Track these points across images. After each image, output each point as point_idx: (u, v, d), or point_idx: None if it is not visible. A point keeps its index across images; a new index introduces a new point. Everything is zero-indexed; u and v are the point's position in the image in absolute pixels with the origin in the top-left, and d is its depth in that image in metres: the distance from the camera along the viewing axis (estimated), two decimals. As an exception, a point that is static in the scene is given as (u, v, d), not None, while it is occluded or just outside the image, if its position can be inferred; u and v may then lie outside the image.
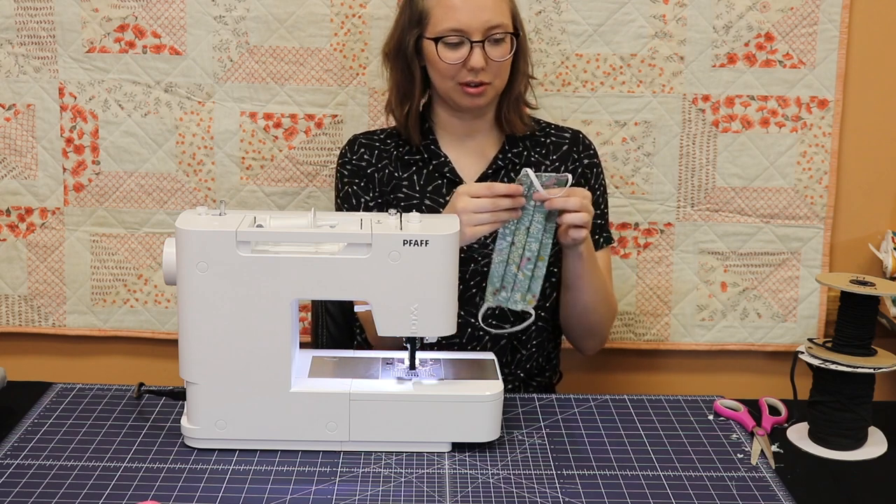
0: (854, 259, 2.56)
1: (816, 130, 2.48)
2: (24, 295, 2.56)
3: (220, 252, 1.48)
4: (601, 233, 2.04)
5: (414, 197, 1.97)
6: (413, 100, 1.96)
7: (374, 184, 1.99)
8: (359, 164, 2.00)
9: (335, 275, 1.50)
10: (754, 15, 2.42)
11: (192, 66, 2.44)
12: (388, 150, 2.01)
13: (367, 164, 2.00)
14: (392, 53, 1.97)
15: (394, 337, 1.57)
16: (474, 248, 1.94)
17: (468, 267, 1.95)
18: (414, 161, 2.00)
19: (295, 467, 1.50)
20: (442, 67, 1.88)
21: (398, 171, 1.99)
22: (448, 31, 1.86)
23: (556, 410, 1.71)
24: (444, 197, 1.97)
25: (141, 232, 2.53)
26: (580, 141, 2.05)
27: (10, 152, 2.49)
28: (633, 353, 2.58)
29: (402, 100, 1.97)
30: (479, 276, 1.96)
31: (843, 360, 1.58)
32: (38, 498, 1.40)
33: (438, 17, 1.87)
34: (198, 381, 1.53)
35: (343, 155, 2.03)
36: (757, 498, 1.44)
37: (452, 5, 1.86)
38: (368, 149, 2.02)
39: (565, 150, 2.03)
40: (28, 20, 2.42)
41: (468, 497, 1.43)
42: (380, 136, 2.04)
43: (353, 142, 2.04)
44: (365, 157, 2.01)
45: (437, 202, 1.97)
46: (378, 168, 2.00)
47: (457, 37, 1.86)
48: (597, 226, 2.03)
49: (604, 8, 2.41)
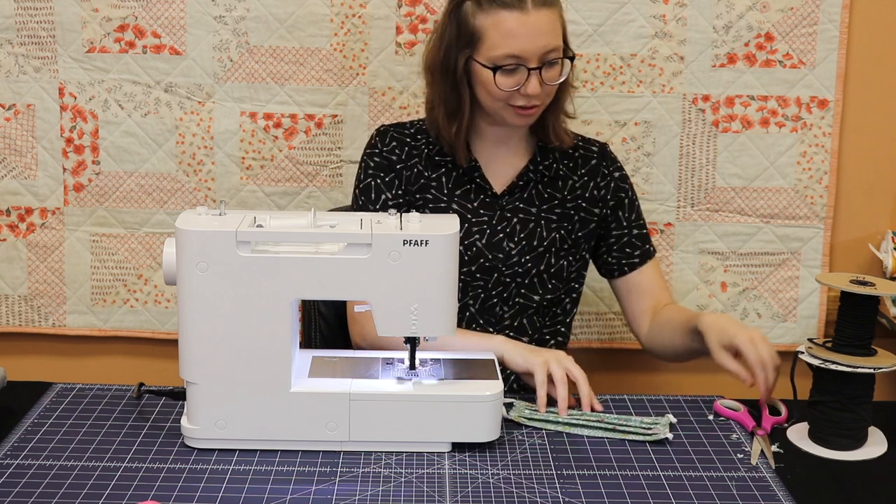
0: (854, 259, 2.56)
1: (816, 130, 2.48)
2: (24, 295, 2.56)
3: (220, 252, 1.48)
4: (648, 242, 2.03)
5: (442, 200, 1.94)
6: (462, 119, 1.89)
7: (402, 180, 1.95)
8: (388, 157, 1.95)
9: (335, 275, 1.50)
10: (754, 15, 2.42)
11: (192, 66, 2.44)
12: (418, 146, 1.97)
13: (398, 160, 1.95)
14: (438, 70, 1.88)
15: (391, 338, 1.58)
16: (499, 258, 1.93)
17: (491, 276, 1.93)
18: (444, 162, 1.96)
19: (295, 467, 1.50)
20: (495, 92, 1.82)
21: (427, 170, 1.95)
22: (504, 58, 1.79)
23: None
24: (472, 202, 1.94)
25: (141, 232, 2.53)
26: (607, 155, 2.03)
27: (10, 152, 2.49)
28: (633, 353, 2.57)
29: (450, 118, 1.89)
30: (500, 287, 1.94)
31: (843, 360, 1.58)
32: (38, 498, 1.40)
33: (494, 42, 1.80)
34: (198, 381, 1.53)
35: (373, 145, 1.98)
36: (757, 498, 1.43)
37: (511, 31, 1.78)
38: (399, 143, 1.97)
39: (594, 164, 2.00)
40: (28, 20, 2.42)
41: (468, 497, 1.43)
42: (410, 130, 1.99)
43: (384, 133, 1.98)
44: (396, 151, 1.96)
45: (465, 207, 1.94)
46: (407, 165, 1.95)
47: (513, 63, 1.79)
48: (642, 237, 2.02)
49: (604, 8, 2.41)
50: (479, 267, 1.93)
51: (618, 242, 2.01)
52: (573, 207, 1.97)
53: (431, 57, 1.90)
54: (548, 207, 1.96)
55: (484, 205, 1.95)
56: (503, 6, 1.79)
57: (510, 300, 1.96)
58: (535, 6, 1.78)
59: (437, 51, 1.88)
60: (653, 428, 1.60)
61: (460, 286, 1.91)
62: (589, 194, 1.99)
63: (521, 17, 1.78)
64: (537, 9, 1.79)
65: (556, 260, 1.96)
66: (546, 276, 1.96)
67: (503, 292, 1.95)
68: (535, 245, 1.94)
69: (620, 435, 1.61)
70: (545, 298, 1.97)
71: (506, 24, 1.78)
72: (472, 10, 1.82)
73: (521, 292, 1.95)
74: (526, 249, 1.94)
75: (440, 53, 1.87)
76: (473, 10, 1.81)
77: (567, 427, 1.63)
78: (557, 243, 1.96)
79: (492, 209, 1.95)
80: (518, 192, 1.96)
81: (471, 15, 1.82)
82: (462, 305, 1.94)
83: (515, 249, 1.94)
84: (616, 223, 2.01)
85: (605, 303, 2.56)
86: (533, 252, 1.94)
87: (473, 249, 1.93)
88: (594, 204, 1.99)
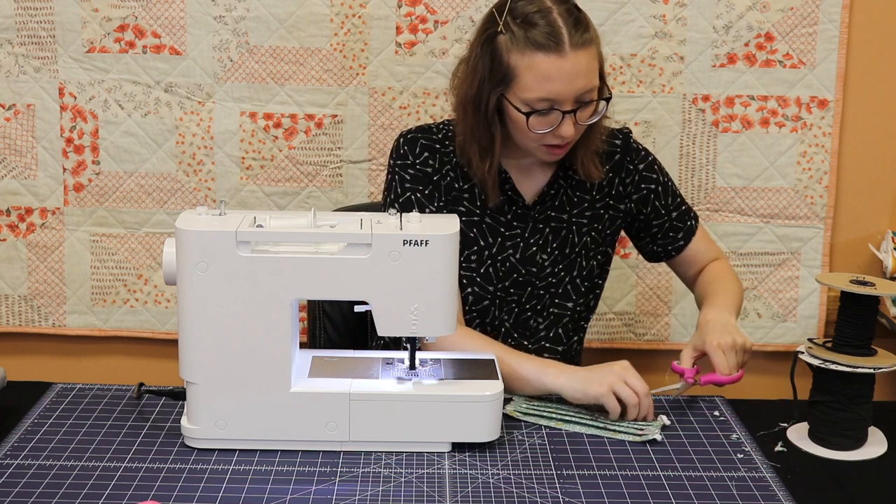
0: (854, 259, 2.57)
1: (816, 130, 2.48)
2: (24, 295, 2.56)
3: (220, 252, 1.48)
4: (689, 215, 1.97)
5: (475, 213, 1.88)
6: (493, 156, 1.81)
7: (441, 191, 1.87)
8: (423, 169, 1.86)
9: (335, 275, 1.50)
10: (754, 15, 2.42)
11: (192, 66, 2.44)
12: (448, 154, 1.88)
13: (433, 171, 1.87)
14: (470, 105, 1.79)
15: None
16: (532, 272, 1.90)
17: (525, 290, 1.90)
18: None
19: (295, 467, 1.50)
20: (527, 133, 1.75)
21: (458, 181, 1.88)
22: (539, 101, 1.71)
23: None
24: (506, 216, 1.88)
25: (141, 232, 2.53)
26: (630, 147, 1.94)
27: (10, 152, 2.49)
28: (633, 353, 2.57)
29: (483, 155, 1.81)
30: (534, 300, 1.91)
31: (843, 360, 1.58)
32: (38, 498, 1.40)
33: (528, 84, 1.71)
34: (198, 381, 1.53)
35: (403, 156, 1.88)
36: (757, 498, 1.43)
37: (547, 74, 1.70)
38: (431, 152, 1.87)
39: (618, 159, 1.93)
40: (28, 20, 2.42)
41: (468, 497, 1.43)
42: (437, 136, 1.89)
43: (412, 142, 1.88)
44: (430, 161, 1.87)
45: (499, 220, 1.88)
46: (442, 175, 1.87)
47: (547, 106, 1.72)
48: (682, 217, 1.96)
49: (604, 8, 2.41)
50: (512, 282, 1.90)
51: (661, 230, 1.96)
52: (602, 206, 1.92)
53: (464, 91, 1.80)
54: (578, 211, 1.91)
55: (517, 217, 1.89)
56: (539, 48, 1.70)
57: (544, 311, 1.92)
58: (574, 48, 1.70)
59: (470, 85, 1.78)
60: (644, 429, 1.61)
61: (495, 301, 1.90)
62: (615, 191, 1.93)
63: (557, 62, 1.69)
64: (575, 51, 1.70)
65: (587, 262, 1.93)
66: (579, 281, 1.93)
67: (537, 304, 1.92)
68: (567, 253, 1.91)
69: (611, 433, 1.61)
70: (578, 304, 1.94)
71: (542, 67, 1.70)
72: (506, 46, 1.72)
73: (555, 302, 1.92)
74: (559, 259, 1.90)
75: (472, 88, 1.77)
76: (508, 46, 1.72)
77: (561, 423, 1.64)
78: (589, 245, 1.92)
79: (524, 221, 1.89)
80: (549, 200, 1.90)
81: (505, 51, 1.73)
82: (497, 321, 1.91)
83: (549, 260, 1.90)
84: (654, 213, 1.95)
85: (606, 303, 2.56)
86: (566, 260, 1.91)
87: (507, 265, 1.89)
88: (620, 200, 1.94)
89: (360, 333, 2.12)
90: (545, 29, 1.70)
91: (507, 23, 1.73)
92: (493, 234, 1.88)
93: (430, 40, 2.43)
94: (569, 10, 1.73)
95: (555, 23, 1.70)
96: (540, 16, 1.71)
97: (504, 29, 1.73)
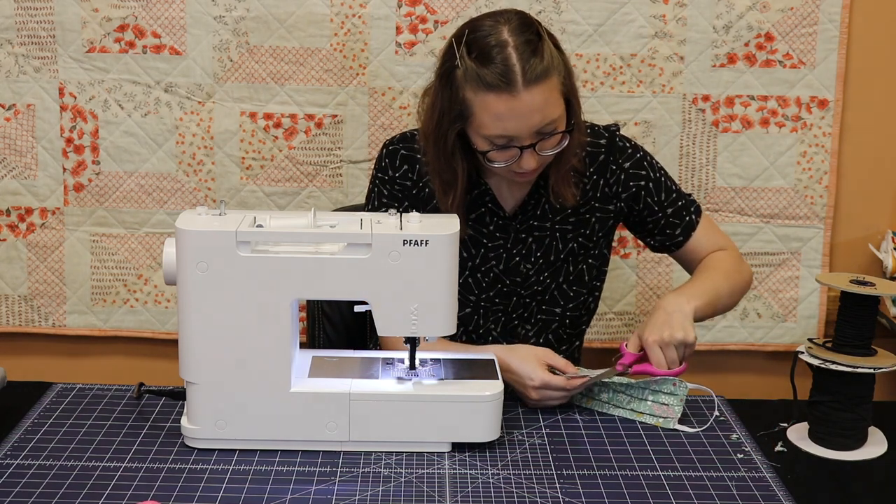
0: (854, 259, 2.57)
1: (816, 130, 2.48)
2: (24, 295, 2.56)
3: (220, 252, 1.48)
4: (687, 210, 1.92)
5: None
6: (456, 190, 1.77)
7: (420, 203, 1.86)
8: (402, 182, 1.86)
9: (335, 275, 1.50)
10: (754, 15, 2.42)
11: (192, 66, 2.44)
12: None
13: (412, 184, 1.86)
14: (431, 139, 1.76)
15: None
16: (517, 282, 1.89)
17: (510, 300, 1.90)
18: None
19: (295, 467, 1.50)
20: (489, 165, 1.74)
21: None
22: (496, 138, 1.68)
23: (556, 410, 1.71)
24: (487, 227, 1.86)
25: (141, 232, 2.53)
26: (615, 146, 1.89)
27: (10, 152, 2.49)
28: (633, 353, 2.57)
29: (445, 190, 1.78)
30: (521, 308, 1.91)
31: (843, 360, 1.58)
32: (38, 498, 1.40)
33: (483, 122, 1.68)
34: (198, 381, 1.53)
35: (384, 169, 1.87)
36: (757, 498, 1.44)
37: (499, 115, 1.66)
38: (410, 163, 1.86)
39: (602, 160, 1.88)
40: (28, 20, 2.42)
41: (468, 497, 1.43)
42: (419, 144, 1.85)
43: (393, 154, 1.87)
44: (409, 175, 1.86)
45: (480, 231, 1.86)
46: (420, 187, 1.86)
47: (505, 142, 1.69)
48: (678, 212, 1.91)
49: (604, 8, 2.41)
50: (497, 292, 1.89)
51: (656, 226, 1.92)
52: (587, 211, 1.89)
53: (425, 124, 1.78)
54: (561, 218, 1.88)
55: (499, 227, 1.87)
56: (490, 89, 1.65)
57: (532, 318, 1.92)
58: (527, 85, 1.64)
59: (430, 118, 1.75)
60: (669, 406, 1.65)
61: (479, 311, 1.90)
62: (601, 193, 1.89)
63: (510, 102, 1.64)
64: (528, 88, 1.64)
65: (575, 267, 1.91)
66: (566, 286, 1.92)
67: (524, 312, 1.91)
68: (552, 260, 1.89)
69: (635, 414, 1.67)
70: (568, 308, 1.93)
71: (494, 107, 1.65)
72: (461, 81, 1.68)
73: (542, 308, 1.92)
74: (544, 267, 1.89)
75: (433, 122, 1.74)
76: (462, 82, 1.68)
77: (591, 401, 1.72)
78: (576, 251, 1.90)
79: (506, 232, 1.88)
80: (531, 209, 1.87)
81: (460, 86, 1.68)
82: (484, 330, 1.91)
83: (533, 269, 1.89)
84: (647, 209, 1.91)
85: (606, 303, 2.56)
86: (551, 268, 1.90)
87: (491, 275, 1.89)
88: (608, 201, 1.90)
89: (360, 333, 2.12)
90: (498, 68, 1.64)
91: (463, 56, 1.68)
92: (476, 246, 1.87)
93: (430, 40, 2.43)
94: (527, 40, 1.66)
95: (508, 60, 1.64)
96: (497, 51, 1.65)
97: (460, 63, 1.68)
